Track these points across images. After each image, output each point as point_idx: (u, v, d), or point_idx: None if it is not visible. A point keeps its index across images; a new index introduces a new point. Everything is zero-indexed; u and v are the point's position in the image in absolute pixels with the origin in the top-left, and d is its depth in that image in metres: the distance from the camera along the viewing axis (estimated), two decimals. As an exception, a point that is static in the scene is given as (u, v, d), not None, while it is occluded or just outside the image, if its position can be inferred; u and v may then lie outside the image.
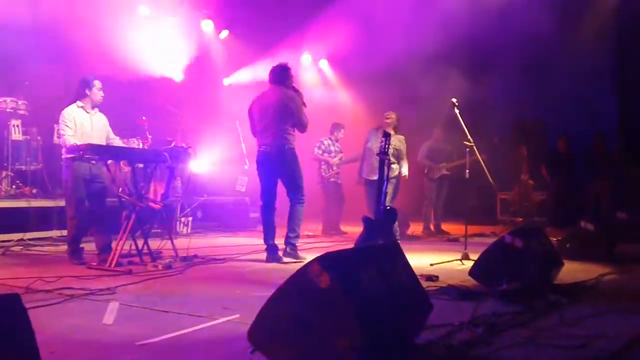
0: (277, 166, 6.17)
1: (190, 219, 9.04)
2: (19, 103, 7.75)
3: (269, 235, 6.15)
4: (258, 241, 7.62)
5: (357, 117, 12.32)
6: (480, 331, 2.90)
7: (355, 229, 8.29)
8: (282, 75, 6.27)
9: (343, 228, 9.54)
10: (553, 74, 11.51)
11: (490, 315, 3.30)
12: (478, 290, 4.13)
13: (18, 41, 7.75)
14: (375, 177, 7.27)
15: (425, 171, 9.68)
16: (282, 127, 6.12)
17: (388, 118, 7.67)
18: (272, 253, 6.10)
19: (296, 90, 6.31)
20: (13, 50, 7.72)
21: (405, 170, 7.71)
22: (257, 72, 11.92)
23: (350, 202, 9.55)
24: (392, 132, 6.77)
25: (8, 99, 7.65)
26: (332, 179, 9.45)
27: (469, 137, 6.23)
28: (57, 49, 8.17)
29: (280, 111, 6.11)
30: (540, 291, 4.04)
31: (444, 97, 8.44)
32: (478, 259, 4.44)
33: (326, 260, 2.42)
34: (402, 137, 7.70)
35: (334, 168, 9.44)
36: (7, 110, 7.63)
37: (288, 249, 6.18)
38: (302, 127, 6.25)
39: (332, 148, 9.50)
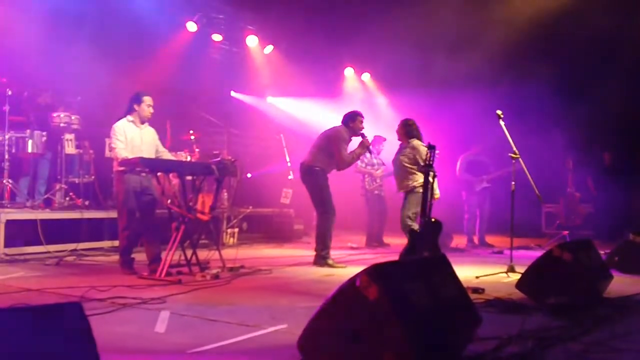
0: (305, 181, 6.83)
1: (236, 230, 9.19)
2: (73, 118, 8.00)
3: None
4: (303, 252, 7.72)
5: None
6: (530, 345, 2.87)
7: (398, 241, 8.28)
8: (347, 118, 6.93)
9: (386, 240, 9.52)
10: (598, 84, 11.29)
11: (539, 329, 3.25)
12: (525, 304, 4.08)
13: (71, 56, 8.07)
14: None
15: (466, 184, 9.62)
16: (318, 150, 6.81)
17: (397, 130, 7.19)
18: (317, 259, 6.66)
19: (363, 136, 6.83)
20: (68, 66, 8.04)
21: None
22: (300, 88, 12.12)
23: (393, 214, 9.54)
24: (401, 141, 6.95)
25: (62, 114, 7.91)
26: (376, 192, 9.48)
27: (515, 149, 6.16)
28: (108, 64, 8.46)
29: (325, 139, 6.85)
30: (589, 305, 3.97)
31: (487, 110, 8.36)
32: (525, 271, 4.39)
33: (375, 272, 2.45)
34: (415, 144, 6.86)
35: (377, 181, 9.46)
36: (61, 124, 7.89)
37: (318, 261, 6.60)
38: (339, 162, 6.78)
39: (374, 161, 9.53)
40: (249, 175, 10.43)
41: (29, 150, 7.48)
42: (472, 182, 9.54)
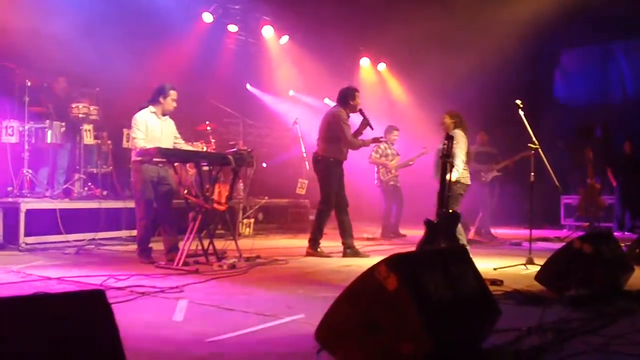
0: (314, 170, 6.84)
1: (252, 220, 9.22)
2: (91, 108, 8.05)
3: (341, 234, 6.72)
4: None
5: (417, 121, 12.25)
6: (550, 337, 2.84)
7: (414, 232, 8.25)
8: (340, 95, 6.80)
9: (402, 231, 9.49)
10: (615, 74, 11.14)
11: (559, 321, 3.22)
12: (545, 296, 4.04)
13: (90, 48, 8.11)
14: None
15: (475, 175, 9.51)
16: (322, 137, 6.72)
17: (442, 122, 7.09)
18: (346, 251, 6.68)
19: (363, 114, 6.70)
20: (86, 57, 8.08)
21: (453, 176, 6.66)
22: (315, 78, 12.08)
23: (410, 205, 9.52)
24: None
25: (80, 105, 7.97)
26: (391, 183, 9.44)
27: (534, 139, 6.08)
28: (126, 55, 8.50)
29: (323, 125, 6.77)
30: (609, 297, 3.92)
31: (502, 100, 8.27)
32: (545, 263, 4.34)
33: (393, 262, 2.43)
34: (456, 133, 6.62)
35: (392, 172, 9.42)
36: (80, 115, 7.95)
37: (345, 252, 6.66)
38: (344, 142, 6.67)
39: (388, 151, 9.49)
40: (264, 164, 10.45)
41: (48, 140, 7.54)
42: (481, 172, 9.42)
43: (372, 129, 6.76)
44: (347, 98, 6.72)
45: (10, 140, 7.25)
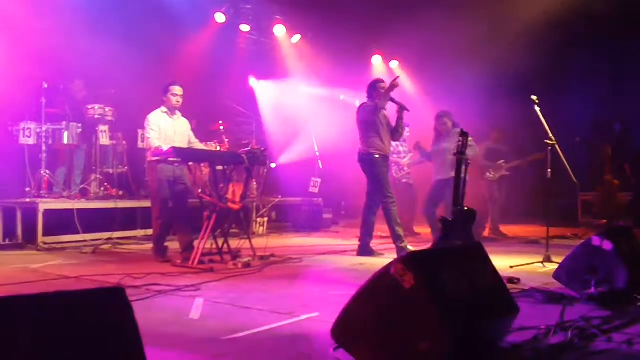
0: (364, 171, 6.71)
1: (265, 219, 9.22)
2: (107, 110, 8.12)
3: (362, 233, 6.64)
4: (332, 241, 7.68)
5: (429, 119, 12.16)
6: (570, 335, 2.80)
7: (428, 230, 8.19)
8: (370, 90, 6.80)
9: (416, 229, 9.43)
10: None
11: (579, 319, 3.17)
12: (563, 294, 3.98)
13: (105, 50, 8.16)
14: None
15: (486, 173, 9.44)
16: (366, 136, 6.65)
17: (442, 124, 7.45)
18: (362, 249, 6.58)
19: (393, 100, 6.67)
20: (101, 59, 8.13)
21: None
22: (327, 76, 12.04)
23: (423, 202, 9.45)
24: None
25: (96, 106, 8.05)
26: (404, 180, 9.38)
27: (551, 135, 6.01)
28: (140, 56, 8.53)
29: (361, 120, 6.72)
30: (630, 295, 3.86)
31: (519, 96, 8.17)
32: (563, 261, 4.28)
33: (410, 260, 2.41)
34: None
35: (405, 169, 9.36)
36: (96, 116, 8.02)
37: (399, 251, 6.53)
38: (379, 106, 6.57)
39: (400, 149, 9.43)
40: (273, 165, 10.45)
41: (65, 141, 7.61)
42: (489, 169, 9.30)
43: (409, 110, 6.78)
44: (371, 90, 6.77)
45: (28, 142, 7.32)
